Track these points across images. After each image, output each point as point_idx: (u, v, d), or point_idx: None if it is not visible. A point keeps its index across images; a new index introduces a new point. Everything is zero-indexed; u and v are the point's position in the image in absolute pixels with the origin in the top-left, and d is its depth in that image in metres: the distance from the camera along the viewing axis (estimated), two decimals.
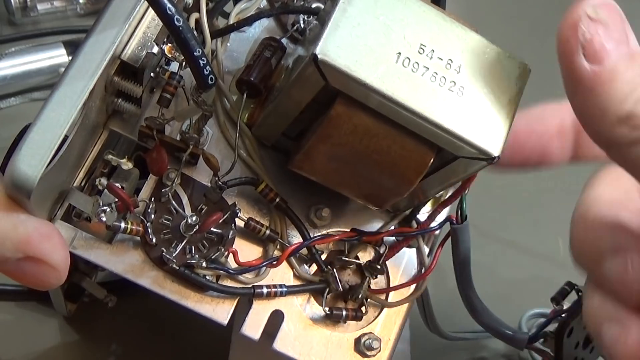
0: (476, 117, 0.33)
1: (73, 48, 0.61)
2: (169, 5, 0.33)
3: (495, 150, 0.34)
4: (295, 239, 0.41)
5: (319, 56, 0.32)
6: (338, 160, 0.36)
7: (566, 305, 0.49)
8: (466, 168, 0.35)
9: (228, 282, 0.40)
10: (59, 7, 0.66)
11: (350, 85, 0.33)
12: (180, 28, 0.33)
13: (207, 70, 0.35)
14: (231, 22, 0.42)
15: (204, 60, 0.34)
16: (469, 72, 0.34)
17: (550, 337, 0.47)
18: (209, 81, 0.35)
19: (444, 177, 0.37)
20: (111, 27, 0.29)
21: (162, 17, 0.33)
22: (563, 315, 0.47)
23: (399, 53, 0.33)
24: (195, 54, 0.34)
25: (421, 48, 0.33)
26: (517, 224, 0.64)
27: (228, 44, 0.43)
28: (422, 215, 0.44)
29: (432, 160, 0.35)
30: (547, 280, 0.52)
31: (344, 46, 0.32)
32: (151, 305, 0.55)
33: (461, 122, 0.33)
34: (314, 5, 0.44)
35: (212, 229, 0.39)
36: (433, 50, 0.33)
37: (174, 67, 0.39)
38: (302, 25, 0.43)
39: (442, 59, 0.34)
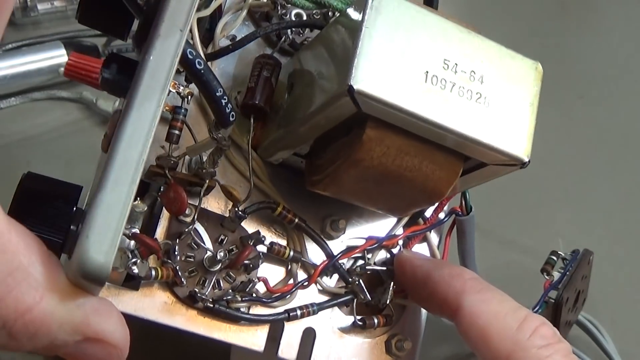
0: (504, 125, 0.34)
1: (73, 48, 0.60)
2: (189, 49, 0.31)
3: (525, 155, 0.34)
4: (312, 254, 0.41)
5: (354, 87, 0.31)
6: (367, 181, 0.36)
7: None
8: (493, 174, 0.36)
9: (258, 309, 0.39)
10: (59, 7, 0.64)
11: (384, 111, 0.32)
12: (202, 71, 0.32)
13: (228, 108, 0.34)
14: (217, 36, 0.41)
15: (225, 99, 0.33)
16: (491, 81, 0.34)
17: (550, 305, 0.49)
18: (230, 118, 0.34)
19: (468, 182, 0.38)
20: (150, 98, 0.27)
21: (184, 61, 0.31)
22: (558, 286, 0.49)
23: (427, 72, 0.33)
24: (217, 94, 0.33)
25: (445, 63, 0.33)
26: (517, 224, 0.65)
27: (217, 61, 0.42)
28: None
29: (461, 170, 0.36)
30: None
31: (375, 73, 0.32)
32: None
33: (492, 133, 0.34)
34: (294, 12, 0.44)
35: None
36: (456, 64, 0.34)
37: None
38: (291, 37, 0.42)
39: (465, 72, 0.34)
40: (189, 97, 0.37)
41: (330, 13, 0.43)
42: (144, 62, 0.28)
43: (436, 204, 0.44)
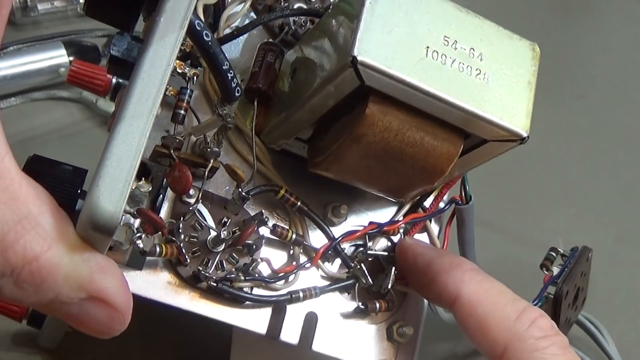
0: (503, 101, 0.35)
1: (73, 48, 0.61)
2: (197, 20, 0.32)
3: (524, 130, 0.35)
4: (313, 239, 0.42)
5: (358, 57, 0.32)
6: (369, 157, 0.36)
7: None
8: (493, 151, 0.37)
9: (260, 291, 0.39)
10: (59, 7, 0.65)
11: (387, 83, 0.33)
12: (209, 43, 0.33)
13: (234, 83, 0.34)
14: (221, 26, 0.42)
15: (231, 73, 0.34)
16: (490, 59, 0.35)
17: (549, 300, 0.49)
18: (236, 93, 0.35)
19: (468, 162, 0.38)
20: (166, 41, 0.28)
21: (192, 32, 0.32)
22: (557, 280, 0.50)
23: (428, 47, 0.34)
24: (224, 67, 0.34)
25: (445, 40, 0.34)
26: (517, 221, 0.65)
27: None
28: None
29: (462, 147, 0.36)
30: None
31: (378, 46, 0.33)
32: (145, 321, 0.53)
33: (492, 107, 0.34)
34: (295, 6, 0.45)
35: None
36: (456, 41, 0.34)
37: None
38: (293, 28, 0.43)
39: (465, 49, 0.35)
40: (195, 77, 0.38)
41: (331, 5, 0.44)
42: (155, 23, 0.28)
43: (436, 192, 0.44)
